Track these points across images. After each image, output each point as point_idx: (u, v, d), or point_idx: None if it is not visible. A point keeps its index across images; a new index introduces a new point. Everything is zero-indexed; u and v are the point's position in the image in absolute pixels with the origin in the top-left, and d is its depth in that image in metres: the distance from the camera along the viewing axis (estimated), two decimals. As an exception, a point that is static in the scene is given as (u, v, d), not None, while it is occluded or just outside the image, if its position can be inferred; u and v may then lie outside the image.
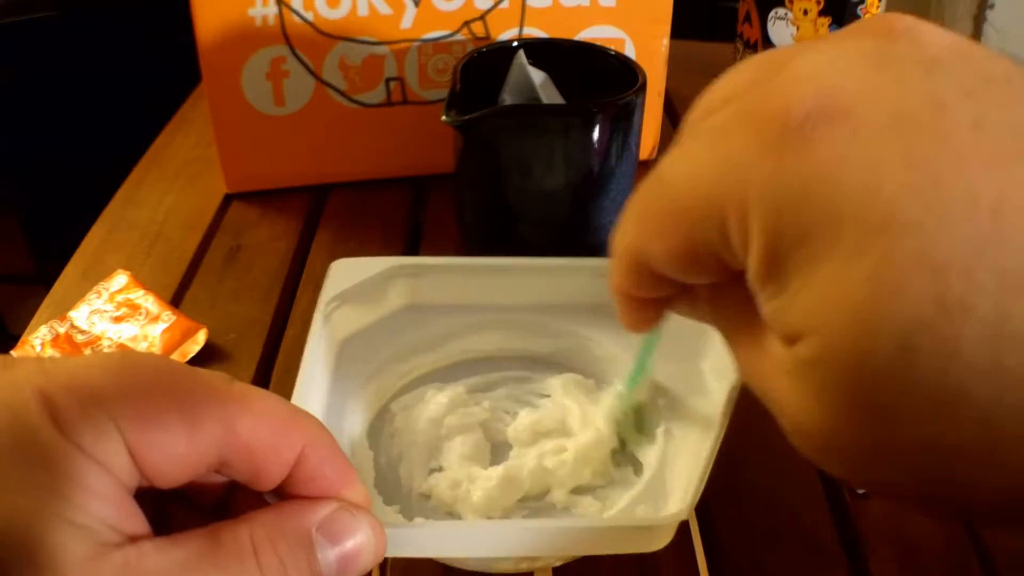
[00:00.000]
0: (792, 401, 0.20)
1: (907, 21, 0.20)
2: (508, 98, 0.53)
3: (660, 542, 0.31)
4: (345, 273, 0.41)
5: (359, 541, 0.24)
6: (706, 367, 0.39)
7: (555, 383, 0.41)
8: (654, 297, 0.26)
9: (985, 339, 0.17)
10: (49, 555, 0.19)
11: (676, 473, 0.36)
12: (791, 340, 0.20)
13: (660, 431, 0.38)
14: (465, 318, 0.43)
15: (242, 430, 0.22)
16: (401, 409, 0.40)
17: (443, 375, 0.43)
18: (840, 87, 0.19)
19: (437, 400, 0.40)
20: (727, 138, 0.20)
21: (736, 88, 0.22)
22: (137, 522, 0.21)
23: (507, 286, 0.43)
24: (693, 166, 0.21)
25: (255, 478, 0.23)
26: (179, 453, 0.21)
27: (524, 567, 0.35)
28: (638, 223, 0.23)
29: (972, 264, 0.17)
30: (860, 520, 0.39)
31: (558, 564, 0.36)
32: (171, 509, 0.24)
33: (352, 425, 0.39)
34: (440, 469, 0.38)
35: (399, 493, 0.37)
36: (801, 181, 0.18)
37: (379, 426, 0.40)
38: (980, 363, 0.17)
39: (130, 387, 0.21)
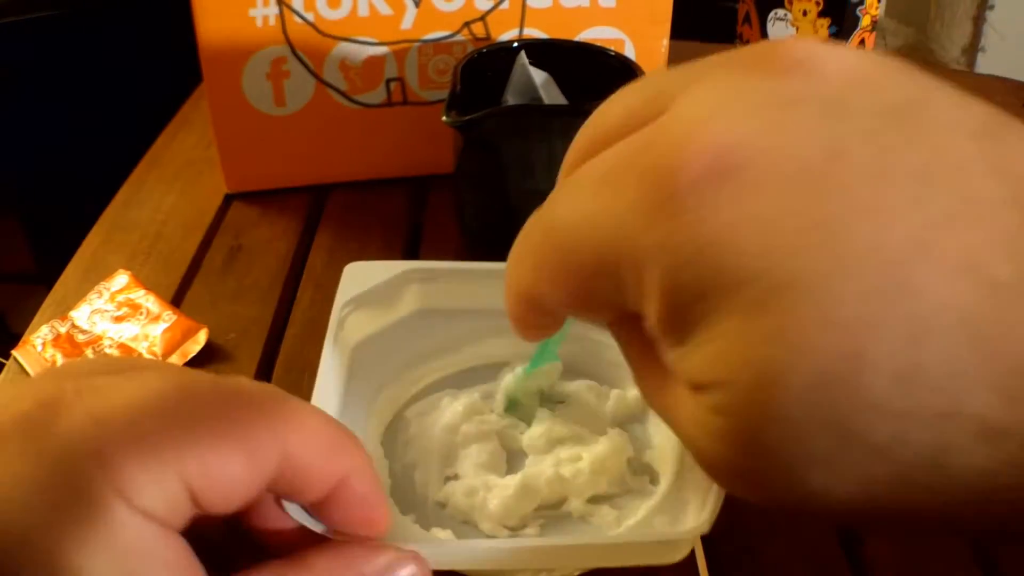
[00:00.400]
0: (696, 437, 0.20)
1: (802, 50, 0.19)
2: (511, 98, 0.53)
3: (680, 554, 0.31)
4: (359, 277, 0.41)
5: None
6: None
7: (568, 389, 0.41)
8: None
9: (894, 389, 0.17)
10: None
11: (693, 482, 0.36)
12: (695, 387, 0.20)
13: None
14: (478, 323, 0.43)
15: (294, 450, 0.22)
16: (416, 416, 0.40)
17: (457, 381, 0.42)
18: (733, 139, 0.18)
19: (452, 408, 0.40)
20: (615, 191, 0.20)
21: (619, 123, 0.21)
22: None
23: None
24: (582, 218, 0.21)
25: (295, 494, 0.23)
26: (240, 484, 0.21)
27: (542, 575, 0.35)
28: (532, 268, 0.23)
29: (878, 317, 0.17)
30: (859, 520, 0.39)
31: (567, 574, 0.35)
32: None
33: (367, 432, 0.38)
34: (456, 477, 0.38)
35: (414, 501, 0.37)
36: (698, 243, 0.18)
37: (394, 433, 0.40)
38: (889, 410, 0.17)
39: (190, 425, 0.20)
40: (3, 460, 0.19)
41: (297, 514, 0.24)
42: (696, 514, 0.33)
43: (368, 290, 0.40)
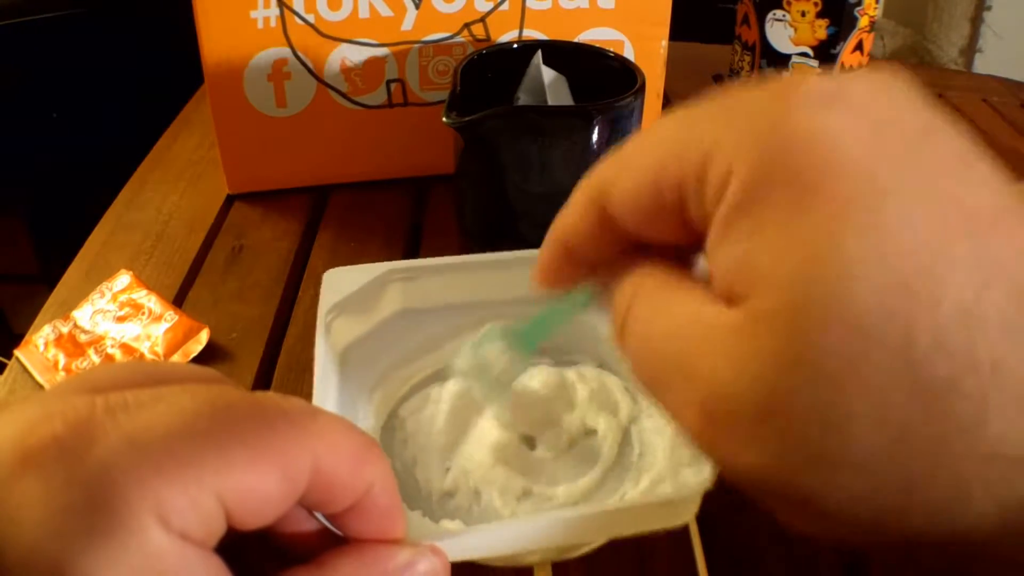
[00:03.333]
0: (720, 365, 0.19)
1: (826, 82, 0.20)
2: (523, 97, 0.53)
3: (687, 515, 0.31)
4: (339, 282, 0.41)
5: None
6: None
7: (583, 393, 0.41)
8: (579, 264, 0.25)
9: (958, 322, 0.16)
10: None
11: (686, 456, 0.36)
12: (744, 291, 0.19)
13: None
14: (462, 317, 0.43)
15: (324, 465, 0.22)
16: (410, 414, 0.41)
17: (445, 376, 0.43)
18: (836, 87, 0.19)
19: (444, 399, 0.40)
20: (723, 104, 0.21)
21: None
22: None
23: (501, 281, 0.43)
24: (682, 116, 0.21)
25: (323, 506, 0.23)
26: (274, 500, 0.21)
27: (552, 557, 0.36)
28: (617, 159, 0.23)
29: (957, 249, 0.17)
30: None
31: (578, 554, 0.36)
32: None
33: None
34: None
35: (419, 497, 0.37)
36: (804, 132, 0.18)
37: (390, 432, 0.40)
38: (949, 344, 0.16)
39: (226, 444, 0.20)
40: (37, 487, 0.18)
41: (321, 517, 0.24)
42: (695, 477, 0.34)
43: (350, 295, 0.41)
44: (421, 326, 0.43)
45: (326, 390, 0.37)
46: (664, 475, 0.36)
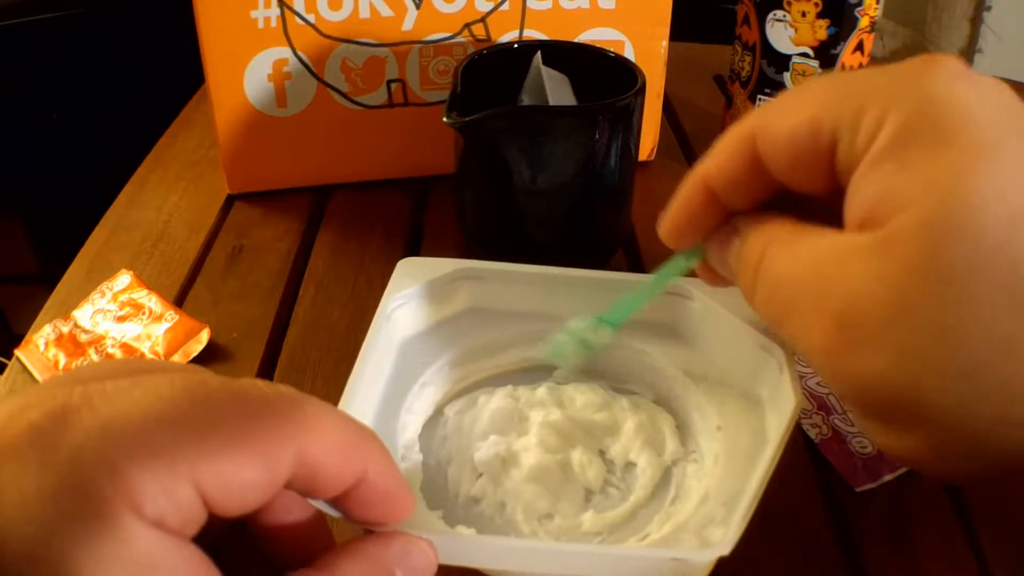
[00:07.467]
0: (855, 277, 0.22)
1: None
2: (526, 98, 0.53)
3: (699, 574, 0.31)
4: (411, 272, 0.41)
5: (424, 566, 0.25)
6: (764, 394, 0.38)
7: (629, 426, 0.40)
8: (716, 209, 0.29)
9: None
10: None
11: (717, 502, 0.35)
12: (886, 214, 0.22)
13: (710, 455, 0.38)
14: (526, 326, 0.42)
15: (311, 454, 0.22)
16: (454, 414, 0.41)
17: (500, 381, 0.42)
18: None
19: (489, 406, 0.40)
20: (873, 71, 0.25)
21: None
22: None
23: (573, 295, 0.43)
24: (835, 77, 0.26)
25: (313, 493, 0.23)
26: (255, 488, 0.21)
27: None
28: (770, 107, 0.27)
29: None
30: (858, 520, 0.40)
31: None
32: None
33: (405, 426, 0.39)
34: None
35: (445, 497, 0.37)
36: (946, 93, 0.23)
37: (432, 429, 0.40)
38: None
39: (202, 431, 0.20)
40: (13, 472, 0.19)
41: (315, 502, 0.24)
42: (719, 534, 0.33)
43: (420, 287, 0.40)
44: (485, 328, 0.43)
45: (366, 374, 0.36)
46: (689, 526, 0.34)
